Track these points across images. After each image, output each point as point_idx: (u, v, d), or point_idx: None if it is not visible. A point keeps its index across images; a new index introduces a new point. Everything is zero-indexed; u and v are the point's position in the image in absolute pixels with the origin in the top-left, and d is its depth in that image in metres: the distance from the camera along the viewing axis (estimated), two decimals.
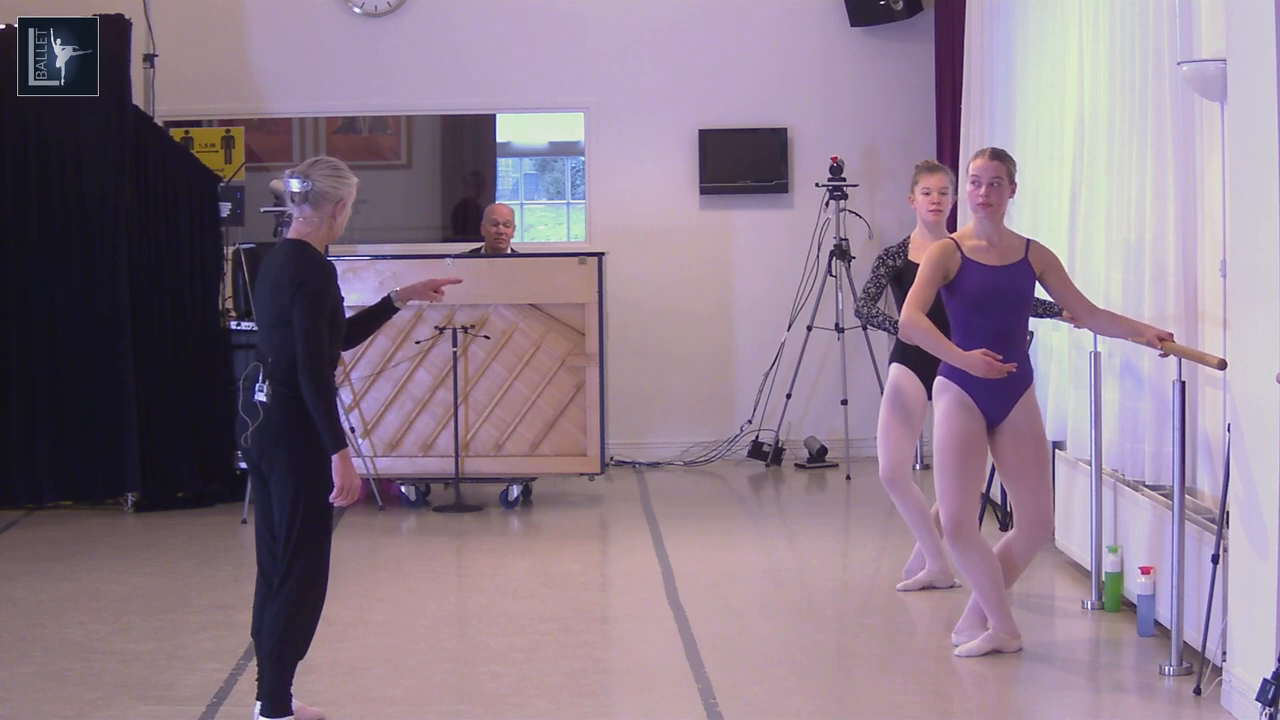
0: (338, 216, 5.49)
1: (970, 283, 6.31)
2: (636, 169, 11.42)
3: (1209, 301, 6.57)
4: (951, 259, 6.35)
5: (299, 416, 5.36)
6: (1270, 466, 5.35)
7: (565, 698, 6.08)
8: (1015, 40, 8.95)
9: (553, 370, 9.68)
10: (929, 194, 7.42)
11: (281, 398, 5.37)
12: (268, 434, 5.40)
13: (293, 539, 5.37)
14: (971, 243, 6.38)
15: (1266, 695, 5.12)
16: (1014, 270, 6.35)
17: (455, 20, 11.33)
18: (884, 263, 7.46)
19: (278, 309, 5.39)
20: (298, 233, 5.50)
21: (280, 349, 5.39)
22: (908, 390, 7.36)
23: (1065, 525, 7.88)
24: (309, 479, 5.38)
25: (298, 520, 5.36)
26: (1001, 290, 6.32)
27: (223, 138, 10.97)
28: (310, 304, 5.34)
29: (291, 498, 5.37)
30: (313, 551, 5.41)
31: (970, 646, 6.47)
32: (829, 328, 10.93)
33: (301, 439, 5.37)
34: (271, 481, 5.43)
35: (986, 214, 6.35)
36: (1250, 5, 5.51)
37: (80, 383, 9.70)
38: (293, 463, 5.37)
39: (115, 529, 9.38)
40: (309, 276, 5.37)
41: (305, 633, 5.45)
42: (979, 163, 6.40)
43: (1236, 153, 5.74)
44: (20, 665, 6.53)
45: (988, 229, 6.37)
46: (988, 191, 6.34)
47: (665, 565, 8.18)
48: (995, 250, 6.36)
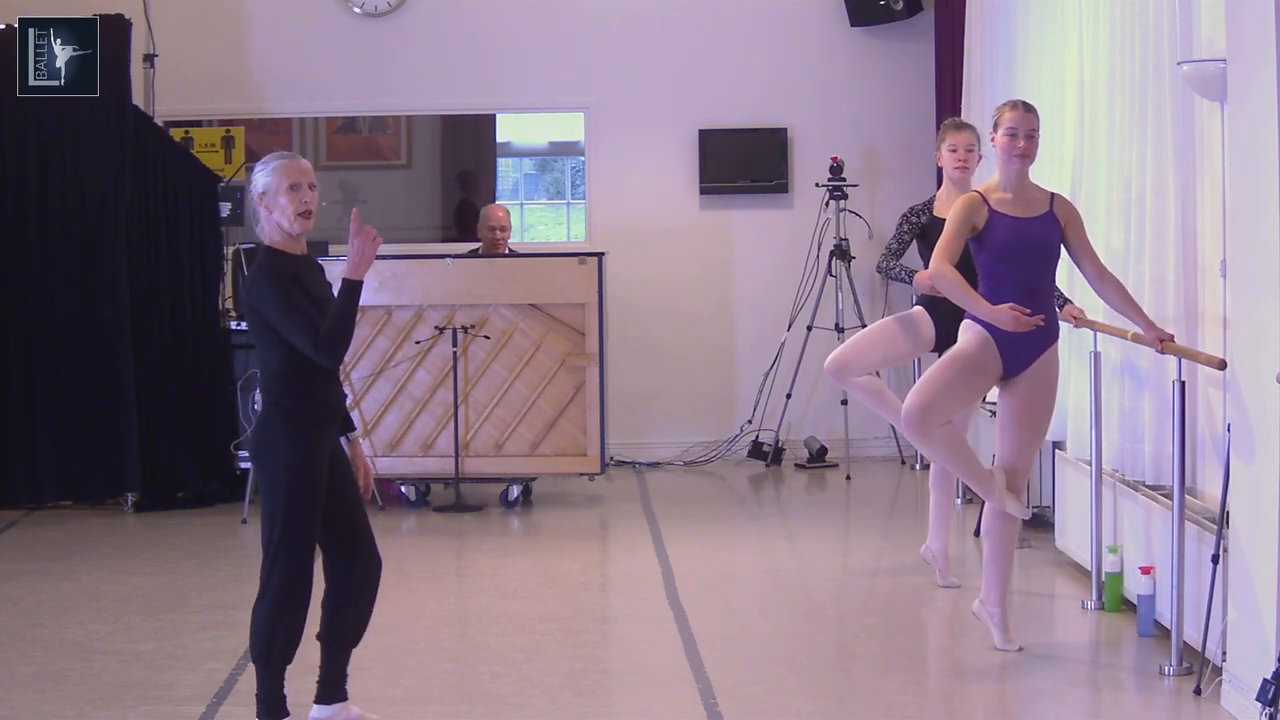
0: (274, 211, 5.34)
1: (998, 234, 6.34)
2: (636, 169, 11.42)
3: (1209, 301, 6.57)
4: (978, 211, 6.37)
5: (281, 428, 5.30)
6: (1270, 466, 5.35)
7: (565, 698, 6.08)
8: (1015, 40, 8.95)
9: (553, 370, 9.68)
10: (955, 151, 7.46)
11: (266, 405, 5.34)
12: (255, 440, 5.38)
13: (273, 546, 5.32)
14: (998, 195, 6.40)
15: (1266, 695, 5.12)
16: (1040, 222, 6.37)
17: (455, 20, 11.33)
18: (908, 219, 7.58)
19: (251, 322, 5.38)
20: (265, 240, 5.42)
21: (264, 360, 5.37)
22: (918, 319, 7.42)
23: (1065, 525, 7.88)
24: (289, 489, 5.30)
25: (277, 528, 5.31)
26: (1028, 241, 6.34)
27: (223, 138, 10.97)
28: (276, 304, 5.24)
29: (271, 508, 5.32)
30: (293, 560, 5.33)
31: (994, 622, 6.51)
32: (829, 328, 10.92)
33: (283, 451, 5.30)
34: (259, 486, 5.38)
35: (1022, 165, 6.37)
36: (1250, 5, 5.51)
37: (80, 383, 9.70)
38: (276, 472, 5.31)
39: (115, 529, 9.38)
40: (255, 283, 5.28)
41: (290, 638, 5.39)
42: (1014, 114, 6.40)
43: (1236, 153, 5.74)
44: (20, 665, 6.53)
45: (1015, 181, 6.40)
46: (1026, 145, 6.37)
47: (665, 565, 8.18)
48: (1021, 202, 6.39)
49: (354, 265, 5.23)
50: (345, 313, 5.23)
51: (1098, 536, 7.22)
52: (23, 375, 9.70)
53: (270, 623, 5.35)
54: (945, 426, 6.43)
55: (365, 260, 5.23)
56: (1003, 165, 6.42)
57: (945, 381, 6.38)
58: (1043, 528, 8.38)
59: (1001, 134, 6.40)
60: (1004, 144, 6.39)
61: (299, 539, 5.33)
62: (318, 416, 5.35)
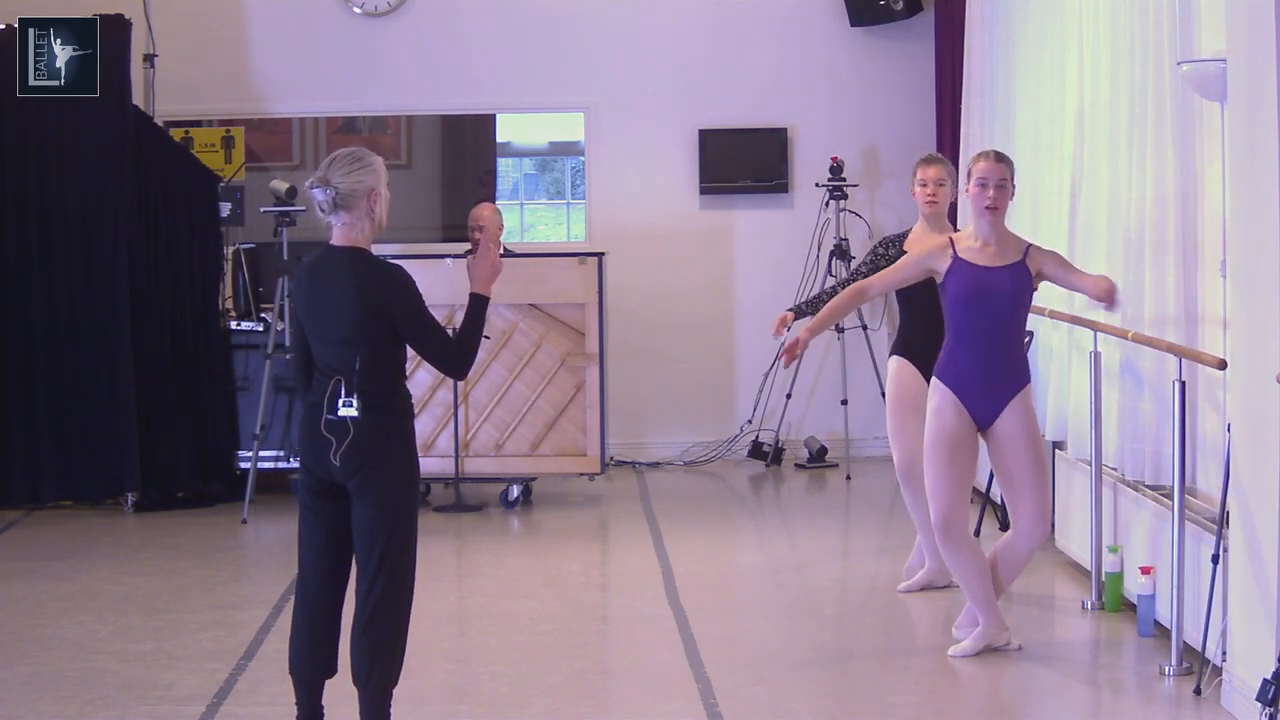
0: (375, 207, 5.21)
1: (957, 281, 6.36)
2: (636, 169, 11.41)
3: (1209, 301, 6.57)
4: (940, 257, 6.41)
5: (391, 423, 5.16)
6: (1270, 466, 5.34)
7: (565, 698, 6.08)
8: (1015, 40, 8.95)
9: (553, 370, 9.68)
10: (925, 185, 7.44)
11: (374, 410, 5.13)
12: (362, 448, 5.12)
13: (390, 556, 5.10)
14: (967, 243, 6.43)
15: (1266, 695, 5.12)
16: (1006, 272, 6.36)
17: (455, 20, 11.32)
18: (880, 252, 7.54)
19: (355, 322, 5.12)
20: (344, 239, 5.19)
21: (374, 365, 5.14)
22: (909, 381, 7.37)
23: (1065, 525, 7.88)
24: (405, 488, 5.17)
25: (398, 535, 5.12)
26: (989, 290, 6.34)
27: (223, 138, 10.97)
28: (422, 309, 5.16)
29: (390, 515, 5.12)
30: (410, 564, 5.18)
31: (962, 647, 6.48)
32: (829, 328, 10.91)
33: (398, 448, 5.17)
34: (364, 498, 5.14)
35: (992, 218, 6.37)
36: (1250, 5, 5.51)
37: (80, 383, 9.70)
38: (395, 473, 5.14)
39: (115, 529, 9.38)
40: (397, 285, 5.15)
41: (405, 650, 5.23)
42: (984, 165, 6.41)
43: (1236, 153, 5.74)
44: (20, 665, 6.53)
45: (988, 231, 6.39)
46: (995, 195, 6.36)
47: (665, 565, 8.18)
48: (991, 251, 6.39)
49: (484, 280, 5.24)
50: (477, 327, 5.22)
51: (1098, 536, 7.22)
52: (23, 375, 9.69)
53: (394, 634, 5.14)
54: (977, 546, 6.52)
55: (495, 273, 5.23)
56: (974, 216, 6.44)
57: (942, 480, 6.42)
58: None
59: (973, 184, 6.42)
60: (974, 194, 6.41)
61: (414, 545, 5.19)
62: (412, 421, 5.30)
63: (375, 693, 5.19)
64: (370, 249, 5.24)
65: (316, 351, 5.24)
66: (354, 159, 5.23)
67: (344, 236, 5.22)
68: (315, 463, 5.20)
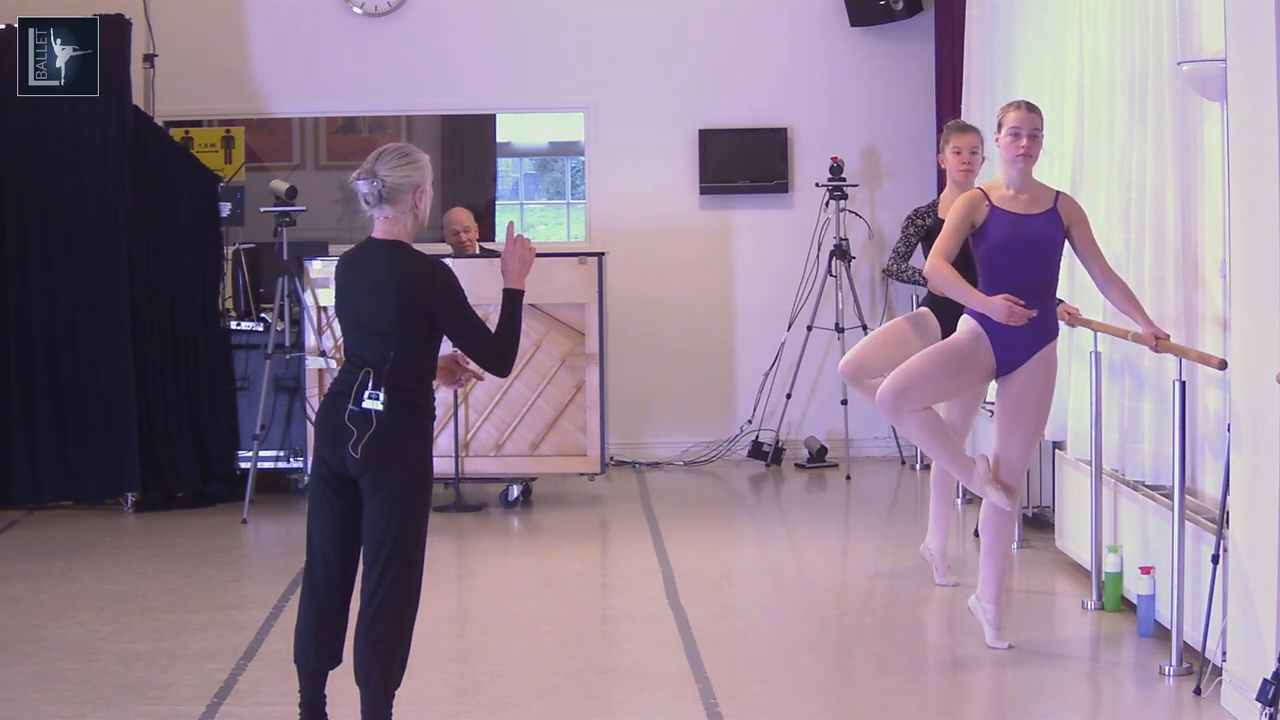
0: (420, 204, 5.20)
1: (997, 229, 6.37)
2: (636, 169, 11.41)
3: (1209, 301, 6.57)
4: (979, 208, 6.42)
5: (415, 422, 5.15)
6: (1270, 466, 5.35)
7: (565, 698, 6.08)
8: (1015, 40, 8.95)
9: (553, 370, 9.68)
10: (960, 153, 7.48)
11: (399, 405, 5.10)
12: (383, 441, 5.09)
13: (398, 553, 5.08)
14: (1000, 192, 6.46)
15: (1266, 695, 5.12)
16: (1041, 219, 6.40)
17: (455, 20, 11.32)
18: (913, 222, 7.63)
19: (392, 316, 5.12)
20: (386, 233, 5.19)
21: (405, 359, 5.12)
22: (927, 320, 7.44)
23: (1065, 525, 7.88)
24: (420, 484, 5.15)
25: (406, 533, 5.09)
26: (1027, 237, 6.36)
27: (223, 138, 10.98)
28: (464, 304, 5.16)
29: (400, 512, 5.09)
30: (417, 567, 5.15)
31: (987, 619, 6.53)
32: (829, 328, 10.93)
33: (418, 444, 5.16)
34: (376, 496, 5.11)
35: (1026, 165, 6.42)
36: (1250, 5, 5.51)
37: (80, 383, 9.70)
38: (409, 474, 5.12)
39: (115, 529, 9.38)
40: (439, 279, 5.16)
41: (407, 652, 5.21)
42: (1017, 115, 6.45)
43: (1236, 153, 5.74)
44: (20, 665, 6.53)
45: (1018, 180, 6.44)
46: (1029, 144, 6.41)
47: (665, 565, 8.18)
48: (1024, 199, 6.43)
49: (516, 274, 5.26)
50: (516, 322, 5.22)
51: (1098, 536, 7.22)
52: (23, 375, 9.69)
53: (400, 637, 5.12)
54: (923, 411, 6.44)
55: (527, 267, 5.24)
56: (1006, 165, 6.47)
57: (928, 368, 6.42)
58: (1043, 528, 8.38)
59: (1005, 134, 6.45)
60: (1007, 144, 6.44)
61: (423, 548, 5.17)
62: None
63: (376, 694, 5.17)
64: (409, 243, 5.24)
65: (349, 342, 5.23)
66: (402, 154, 5.19)
67: (386, 230, 5.21)
68: (331, 453, 5.16)
